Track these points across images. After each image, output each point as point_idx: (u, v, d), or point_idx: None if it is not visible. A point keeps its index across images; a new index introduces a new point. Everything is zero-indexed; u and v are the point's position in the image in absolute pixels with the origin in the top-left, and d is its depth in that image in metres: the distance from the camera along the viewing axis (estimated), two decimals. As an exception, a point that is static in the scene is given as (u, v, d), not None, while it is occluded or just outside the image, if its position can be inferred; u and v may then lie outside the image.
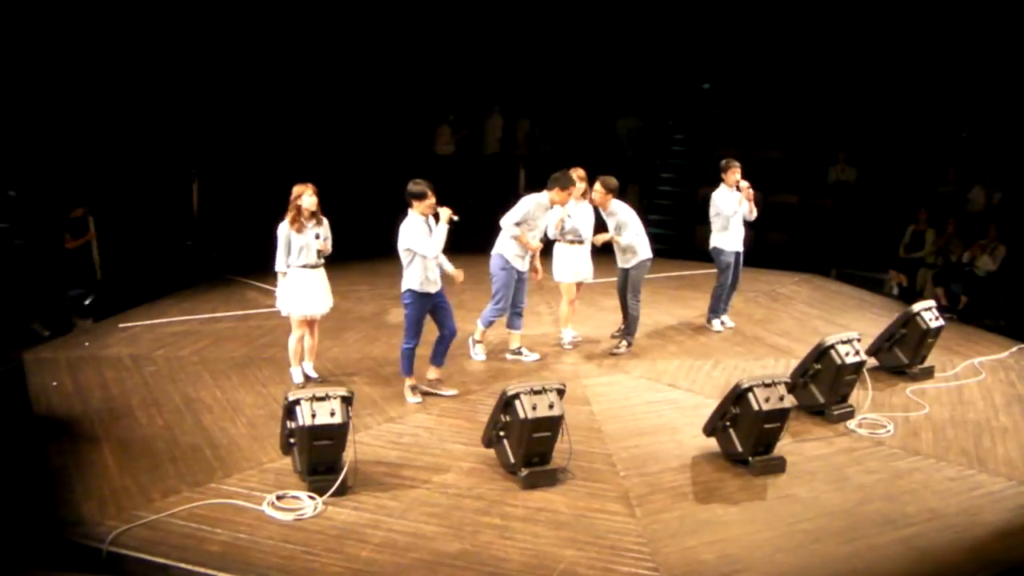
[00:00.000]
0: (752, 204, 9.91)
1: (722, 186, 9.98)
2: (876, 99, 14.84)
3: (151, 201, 12.81)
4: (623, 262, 9.38)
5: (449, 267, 8.01)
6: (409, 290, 7.81)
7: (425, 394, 8.17)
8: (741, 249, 10.11)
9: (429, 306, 7.91)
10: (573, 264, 9.36)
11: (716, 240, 10.09)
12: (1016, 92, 13.41)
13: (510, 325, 9.18)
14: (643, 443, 7.47)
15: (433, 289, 7.87)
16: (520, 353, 9.23)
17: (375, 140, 15.37)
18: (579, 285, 9.57)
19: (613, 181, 9.17)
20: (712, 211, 10.01)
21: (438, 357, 8.22)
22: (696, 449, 7.31)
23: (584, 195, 9.30)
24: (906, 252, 12.83)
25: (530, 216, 8.78)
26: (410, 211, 7.73)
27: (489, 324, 9.12)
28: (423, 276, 7.76)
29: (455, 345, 8.37)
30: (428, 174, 7.94)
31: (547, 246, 9.35)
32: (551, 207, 8.88)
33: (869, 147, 14.89)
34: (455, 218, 7.73)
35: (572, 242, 9.29)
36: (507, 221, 8.80)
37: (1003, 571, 5.86)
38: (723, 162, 10.08)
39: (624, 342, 9.55)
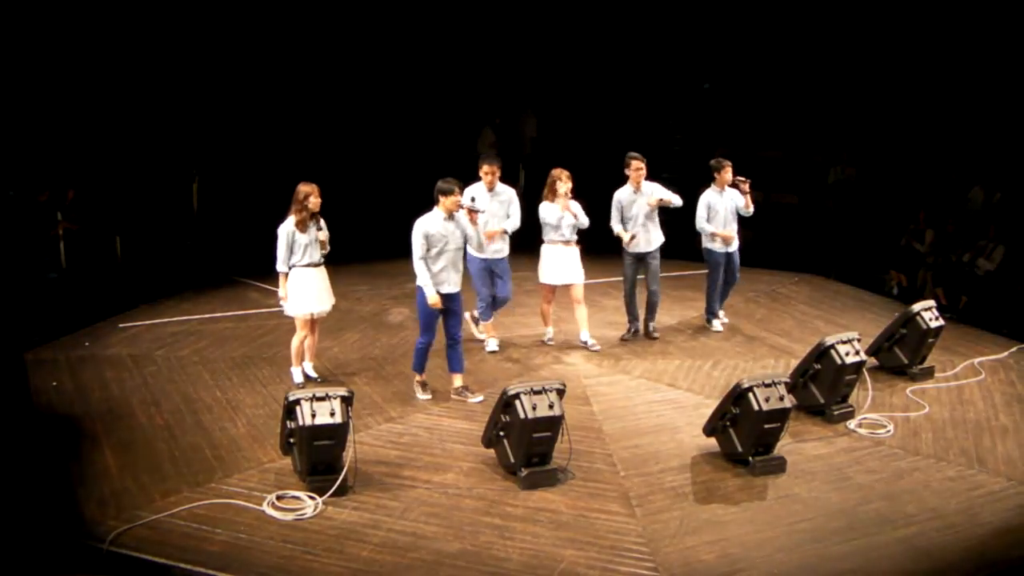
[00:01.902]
0: (748, 199, 9.90)
1: (711, 188, 9.98)
2: (876, 99, 14.82)
3: (151, 201, 12.80)
4: (651, 245, 9.59)
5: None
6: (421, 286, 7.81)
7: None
8: (733, 249, 10.07)
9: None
10: (548, 265, 9.34)
11: (706, 240, 10.12)
12: (1016, 92, 13.39)
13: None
14: (643, 443, 7.48)
15: (451, 289, 7.87)
16: (483, 342, 9.40)
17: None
18: (556, 289, 9.42)
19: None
20: (700, 212, 9.99)
21: (456, 364, 8.17)
22: (696, 449, 7.32)
23: (567, 195, 9.27)
24: (906, 243, 12.81)
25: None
26: (435, 208, 7.77)
27: (488, 317, 9.31)
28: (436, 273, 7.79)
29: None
30: (469, 174, 8.07)
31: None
32: (489, 191, 8.96)
33: (869, 147, 14.88)
34: (477, 209, 8.06)
35: (554, 242, 9.27)
36: None
37: (1003, 571, 5.87)
38: (714, 162, 10.07)
39: (632, 328, 9.80)
